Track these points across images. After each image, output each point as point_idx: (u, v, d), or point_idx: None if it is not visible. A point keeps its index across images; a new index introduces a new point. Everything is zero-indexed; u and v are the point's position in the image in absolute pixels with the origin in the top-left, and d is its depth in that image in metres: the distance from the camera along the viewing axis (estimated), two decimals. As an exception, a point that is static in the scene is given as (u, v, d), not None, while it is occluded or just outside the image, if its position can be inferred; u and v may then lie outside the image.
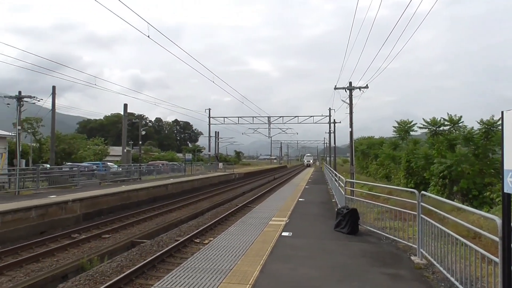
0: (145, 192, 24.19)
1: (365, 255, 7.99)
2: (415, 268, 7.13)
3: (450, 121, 33.49)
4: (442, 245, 6.51)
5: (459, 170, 26.97)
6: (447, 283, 6.31)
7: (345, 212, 10.49)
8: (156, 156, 79.52)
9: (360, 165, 67.09)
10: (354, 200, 12.66)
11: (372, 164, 58.53)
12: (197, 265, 6.91)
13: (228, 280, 6.11)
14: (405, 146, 42.70)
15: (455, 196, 26.65)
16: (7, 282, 9.31)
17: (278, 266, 7.06)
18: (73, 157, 50.63)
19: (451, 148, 31.13)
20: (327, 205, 16.10)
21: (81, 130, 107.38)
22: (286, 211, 13.77)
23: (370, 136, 75.05)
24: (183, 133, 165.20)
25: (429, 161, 31.86)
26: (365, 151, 64.31)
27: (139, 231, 15.71)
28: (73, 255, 11.89)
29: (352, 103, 25.14)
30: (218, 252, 7.87)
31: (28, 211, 14.40)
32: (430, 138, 35.64)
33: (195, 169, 48.19)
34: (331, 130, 53.69)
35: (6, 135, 27.83)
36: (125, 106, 37.36)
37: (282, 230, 10.39)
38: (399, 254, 8.20)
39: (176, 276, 6.29)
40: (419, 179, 34.48)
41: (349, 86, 25.13)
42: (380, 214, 11.16)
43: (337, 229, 10.44)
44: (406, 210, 8.97)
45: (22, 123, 37.11)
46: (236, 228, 10.65)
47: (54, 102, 31.34)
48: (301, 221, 12.03)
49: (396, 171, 42.68)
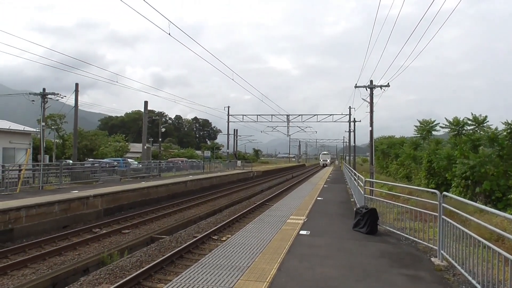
0: (164, 188, 24.48)
1: (384, 255, 7.90)
2: (436, 270, 7.01)
3: (474, 121, 32.72)
4: (463, 247, 6.38)
5: (483, 171, 26.33)
6: (468, 285, 6.18)
7: (364, 211, 10.39)
8: (176, 153, 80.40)
9: (380, 165, 66.28)
10: (374, 199, 12.53)
11: (392, 164, 57.72)
12: (215, 262, 6.96)
13: (245, 277, 6.14)
14: (426, 146, 41.96)
15: (477, 198, 26.06)
16: (31, 275, 9.57)
17: (295, 264, 7.05)
18: (94, 153, 51.64)
19: (474, 148, 30.42)
20: (346, 205, 15.97)
21: (103, 127, 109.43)
22: (304, 210, 13.73)
23: (390, 136, 74.03)
24: (202, 131, 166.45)
25: (451, 162, 31.21)
26: (385, 151, 63.47)
27: (159, 227, 15.91)
28: (94, 249, 12.13)
29: (373, 102, 24.85)
30: (236, 249, 7.90)
31: (52, 206, 14.75)
32: (453, 138, 34.93)
33: (214, 167, 48.48)
34: (350, 129, 53.21)
35: (31, 131, 28.56)
36: (146, 104, 37.82)
37: (300, 228, 10.36)
38: (419, 255, 8.08)
39: (194, 272, 6.36)
40: (440, 180, 33.82)
41: (370, 85, 24.84)
42: (400, 215, 11.02)
43: (356, 229, 10.35)
44: (426, 211, 8.83)
45: (46, 120, 38.01)
46: (254, 225, 10.68)
47: (77, 99, 32.00)
48: (320, 220, 11.97)
49: (417, 171, 41.99)
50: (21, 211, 13.33)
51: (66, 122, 50.87)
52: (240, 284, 5.82)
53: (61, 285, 8.86)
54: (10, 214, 12.92)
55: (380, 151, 64.45)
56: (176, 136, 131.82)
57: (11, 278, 9.35)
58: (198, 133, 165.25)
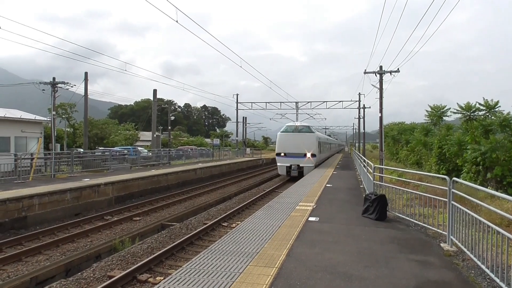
0: (174, 176, 24.66)
1: (393, 241, 7.90)
2: (445, 255, 7.00)
3: (486, 106, 32.27)
4: (473, 232, 6.35)
5: (494, 156, 26.05)
6: (477, 270, 6.18)
7: (373, 198, 10.38)
8: (185, 141, 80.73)
9: (390, 151, 65.90)
10: (383, 186, 12.49)
11: (402, 150, 57.34)
12: (225, 248, 7.03)
13: (255, 263, 6.20)
14: (437, 131, 41.56)
15: (488, 183, 25.84)
16: (44, 261, 9.78)
17: (304, 250, 7.09)
18: (105, 141, 52.12)
19: (486, 134, 30.06)
20: (355, 191, 15.96)
21: (113, 116, 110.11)
22: (313, 197, 13.74)
23: (401, 122, 73.42)
24: (211, 119, 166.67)
25: (462, 148, 30.91)
26: (395, 137, 63.01)
27: (169, 214, 16.09)
28: (106, 236, 12.32)
29: (382, 88, 24.56)
30: (245, 236, 7.97)
31: (64, 194, 14.98)
32: (464, 124, 34.53)
33: (223, 154, 48.62)
34: (360, 115, 52.82)
35: (42, 120, 28.83)
36: (155, 92, 37.90)
37: (309, 215, 10.39)
38: (428, 241, 8.07)
39: (204, 258, 6.43)
40: (451, 166, 33.55)
41: (379, 70, 24.53)
42: (409, 201, 10.98)
43: (365, 215, 10.35)
44: (436, 197, 8.79)
45: (57, 109, 38.36)
46: (263, 212, 10.73)
47: (87, 88, 32.16)
48: (329, 206, 11.99)
49: (427, 157, 41.68)
50: (34, 199, 13.56)
51: (76, 111, 51.32)
52: (250, 270, 5.88)
53: (74, 271, 9.04)
54: (24, 202, 13.16)
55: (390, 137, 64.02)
56: (185, 124, 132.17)
57: (25, 264, 9.56)
58: (208, 121, 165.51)
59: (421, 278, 5.77)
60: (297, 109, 50.98)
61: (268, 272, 5.82)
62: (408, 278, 5.74)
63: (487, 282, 5.76)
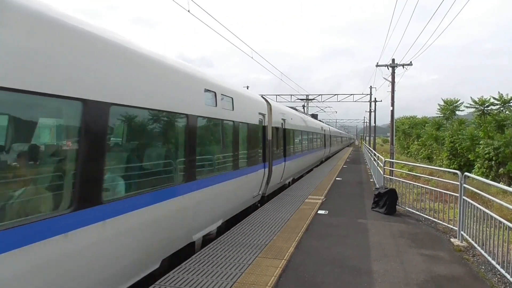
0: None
1: (402, 235, 7.87)
2: (455, 250, 6.96)
3: (500, 101, 31.86)
4: (484, 228, 6.30)
5: (507, 152, 25.74)
6: (487, 266, 6.14)
7: (383, 192, 10.33)
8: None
9: (401, 145, 65.47)
10: (393, 180, 12.42)
11: (413, 145, 56.94)
12: (234, 240, 7.07)
13: (263, 255, 6.23)
14: (449, 126, 41.15)
15: (500, 179, 25.58)
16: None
17: (313, 243, 7.10)
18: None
19: (499, 129, 29.68)
20: (365, 185, 15.90)
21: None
22: (323, 190, 13.73)
23: (412, 116, 72.80)
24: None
25: (474, 142, 30.59)
26: (406, 131, 62.57)
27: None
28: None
29: (394, 81, 24.35)
30: (254, 228, 8.00)
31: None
32: (477, 118, 34.13)
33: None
34: (371, 109, 52.40)
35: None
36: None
37: (318, 208, 10.39)
38: (438, 235, 8.02)
39: (213, 249, 6.48)
40: (463, 161, 33.28)
41: (391, 64, 24.30)
42: (419, 195, 10.91)
43: (375, 209, 10.32)
44: (447, 192, 8.73)
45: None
46: (272, 205, 10.76)
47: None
48: (338, 200, 11.97)
49: (438, 152, 41.34)
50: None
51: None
52: (259, 261, 5.92)
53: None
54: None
55: (401, 131, 63.58)
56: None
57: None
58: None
59: (431, 273, 5.75)
60: (307, 102, 50.77)
61: (277, 264, 5.84)
62: (417, 273, 5.73)
63: (498, 278, 5.71)
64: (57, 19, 3.59)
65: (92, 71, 3.96)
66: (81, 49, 3.83)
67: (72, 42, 3.73)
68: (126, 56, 4.61)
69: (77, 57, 3.76)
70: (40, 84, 3.30)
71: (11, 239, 3.04)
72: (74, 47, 3.74)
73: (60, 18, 3.63)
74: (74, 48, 3.74)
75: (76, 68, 3.72)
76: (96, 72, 4.01)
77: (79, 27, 3.86)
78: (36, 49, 3.30)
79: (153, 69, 5.25)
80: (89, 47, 3.95)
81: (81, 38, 3.86)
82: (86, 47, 3.90)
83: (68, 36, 3.68)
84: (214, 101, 7.29)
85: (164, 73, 5.56)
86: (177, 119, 5.84)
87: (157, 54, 5.51)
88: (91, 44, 3.99)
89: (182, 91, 6.03)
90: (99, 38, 4.15)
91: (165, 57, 5.82)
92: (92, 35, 4.04)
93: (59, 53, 3.55)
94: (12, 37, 3.10)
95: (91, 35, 4.03)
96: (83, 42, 3.88)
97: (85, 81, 3.84)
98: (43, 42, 3.38)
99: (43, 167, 3.74)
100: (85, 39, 3.92)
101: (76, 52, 3.76)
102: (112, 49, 4.35)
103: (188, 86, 6.27)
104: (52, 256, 3.42)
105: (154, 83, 5.20)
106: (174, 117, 5.74)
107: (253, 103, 10.39)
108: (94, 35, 4.07)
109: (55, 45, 3.51)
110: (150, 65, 5.20)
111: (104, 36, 4.25)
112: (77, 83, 3.72)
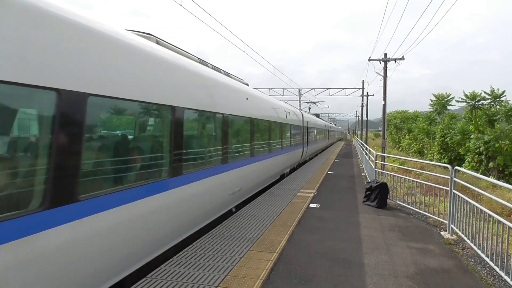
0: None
1: (393, 229, 7.93)
2: (445, 243, 7.03)
3: (491, 95, 32.13)
4: (474, 221, 6.37)
5: (497, 146, 26.01)
6: (477, 259, 6.21)
7: (374, 185, 10.39)
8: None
9: (393, 140, 65.86)
10: (385, 174, 12.49)
11: (405, 139, 57.30)
12: (226, 233, 7.06)
13: (255, 248, 6.24)
14: (441, 121, 41.46)
15: (490, 173, 25.87)
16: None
17: (305, 236, 7.13)
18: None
19: (490, 123, 29.96)
20: (356, 179, 15.97)
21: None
22: (315, 184, 13.77)
23: (404, 110, 73.19)
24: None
25: (465, 137, 30.86)
26: (398, 125, 62.92)
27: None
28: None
29: (387, 76, 24.41)
30: (246, 221, 8.00)
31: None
32: (468, 113, 34.41)
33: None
34: (363, 103, 52.57)
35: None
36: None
37: (310, 201, 10.42)
38: (428, 229, 8.09)
39: (205, 242, 6.47)
40: (453, 155, 33.57)
41: (384, 58, 24.33)
42: (410, 189, 11.00)
43: (366, 203, 10.38)
44: (438, 185, 8.79)
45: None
46: (265, 198, 10.77)
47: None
48: (330, 193, 12.02)
49: (429, 146, 41.65)
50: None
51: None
52: (250, 255, 5.92)
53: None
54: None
55: (393, 125, 63.89)
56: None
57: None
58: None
59: (421, 265, 5.81)
60: (300, 96, 50.76)
61: (269, 257, 5.86)
62: (407, 265, 5.78)
63: (487, 270, 5.78)
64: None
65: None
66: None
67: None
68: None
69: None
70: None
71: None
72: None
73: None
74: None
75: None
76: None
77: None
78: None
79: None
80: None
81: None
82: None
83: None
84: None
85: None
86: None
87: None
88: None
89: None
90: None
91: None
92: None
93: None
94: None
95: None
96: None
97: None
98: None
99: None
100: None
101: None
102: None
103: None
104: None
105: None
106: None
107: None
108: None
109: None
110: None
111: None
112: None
